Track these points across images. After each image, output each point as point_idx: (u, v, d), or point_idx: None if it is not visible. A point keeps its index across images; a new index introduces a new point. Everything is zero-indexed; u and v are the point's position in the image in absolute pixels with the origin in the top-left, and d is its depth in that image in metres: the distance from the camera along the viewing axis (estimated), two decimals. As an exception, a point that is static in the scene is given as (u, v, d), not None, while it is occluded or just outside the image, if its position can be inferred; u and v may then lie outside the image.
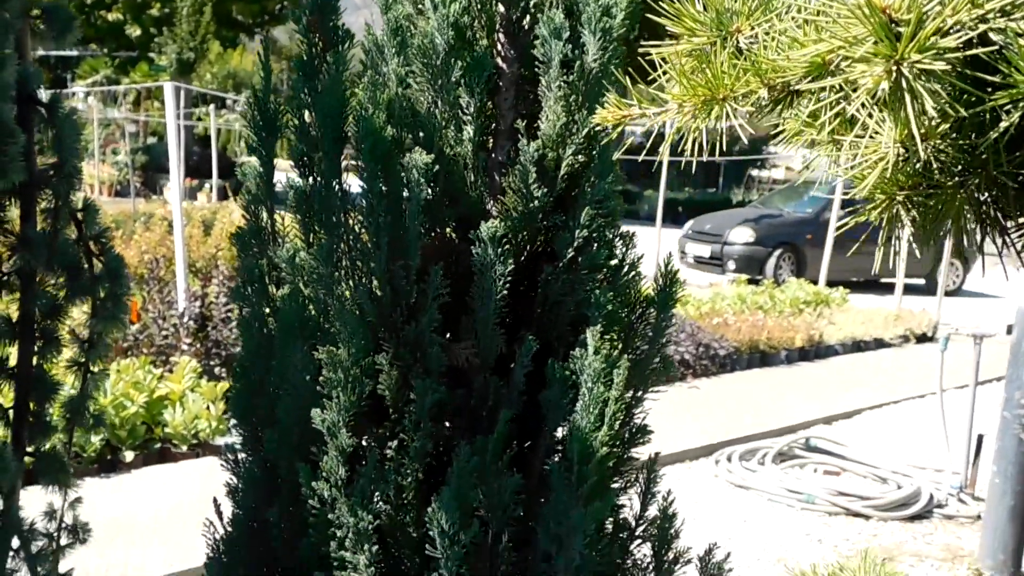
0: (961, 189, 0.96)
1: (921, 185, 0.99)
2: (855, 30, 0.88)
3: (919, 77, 0.84)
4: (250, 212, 2.16)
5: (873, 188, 0.99)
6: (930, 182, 0.98)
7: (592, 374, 1.87)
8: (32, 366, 2.67)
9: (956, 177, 0.97)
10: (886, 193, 1.00)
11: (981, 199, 1.03)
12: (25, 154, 2.43)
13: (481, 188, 2.03)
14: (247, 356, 2.16)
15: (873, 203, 1.02)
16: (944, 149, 0.96)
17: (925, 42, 0.85)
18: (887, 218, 1.02)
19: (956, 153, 0.95)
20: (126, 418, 6.93)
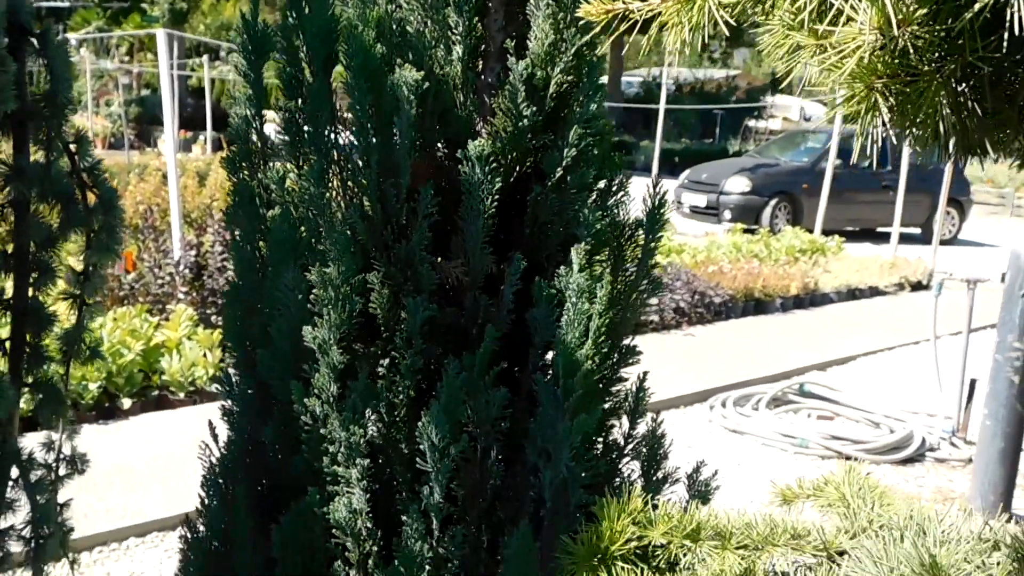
0: (938, 75, 0.97)
1: (899, 73, 1.00)
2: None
3: (894, -45, 0.85)
4: (240, 135, 2.16)
5: (851, 77, 1.00)
6: (908, 70, 1.00)
7: (576, 290, 1.89)
8: (27, 298, 2.68)
9: (933, 64, 0.99)
10: (864, 82, 1.01)
11: (958, 89, 1.04)
12: (17, 83, 2.43)
13: (470, 108, 2.03)
14: (240, 279, 2.18)
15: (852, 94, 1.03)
16: (921, 35, 0.96)
17: (901, -79, 0.86)
18: (865, 108, 1.03)
19: (933, 39, 0.96)
20: (123, 365, 6.96)
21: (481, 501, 1.97)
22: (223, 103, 26.72)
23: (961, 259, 15.98)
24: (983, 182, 29.46)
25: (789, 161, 19.51)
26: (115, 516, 5.18)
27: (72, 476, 2.85)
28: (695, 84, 38.19)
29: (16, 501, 2.71)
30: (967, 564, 1.39)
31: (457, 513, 1.96)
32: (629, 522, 1.62)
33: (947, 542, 1.47)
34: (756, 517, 1.65)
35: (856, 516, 1.66)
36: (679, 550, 1.60)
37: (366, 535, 1.94)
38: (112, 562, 4.85)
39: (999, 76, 0.99)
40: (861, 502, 1.71)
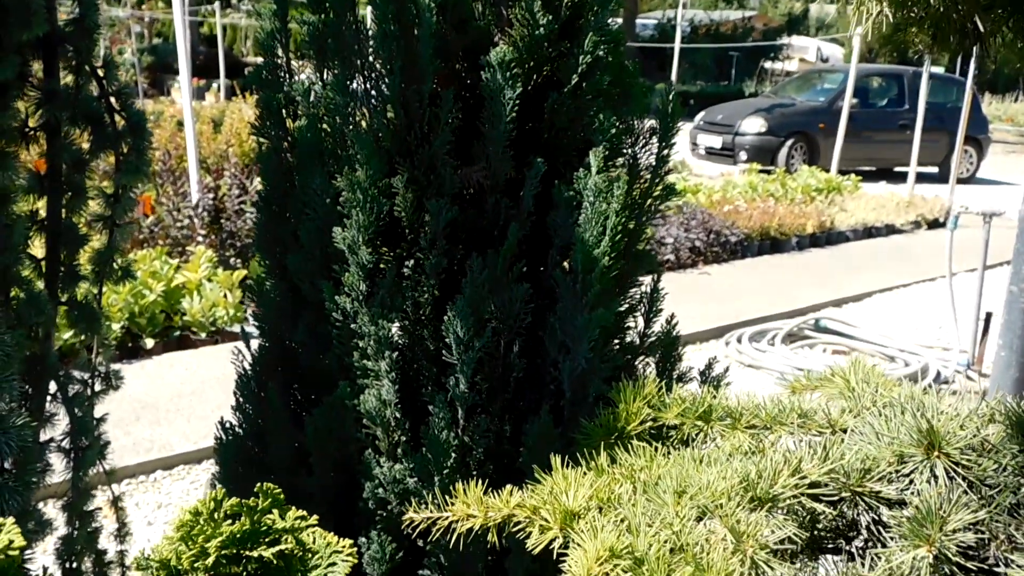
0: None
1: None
2: None
3: None
4: (266, 48, 2.23)
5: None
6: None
7: (594, 190, 1.96)
8: (61, 218, 2.77)
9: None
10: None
11: None
12: (47, 7, 2.49)
13: (488, 18, 2.09)
14: (269, 187, 2.26)
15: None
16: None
17: None
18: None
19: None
20: (145, 306, 7.07)
21: (504, 392, 2.06)
22: (236, 50, 26.67)
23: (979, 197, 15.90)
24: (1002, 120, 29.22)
25: (805, 101, 19.39)
26: (142, 450, 5.32)
27: (107, 392, 2.95)
28: (710, 25, 37.79)
29: (55, 415, 2.82)
30: (963, 431, 1.47)
31: (481, 404, 2.06)
32: (644, 405, 1.70)
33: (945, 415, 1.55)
34: (765, 399, 1.74)
35: (860, 398, 1.74)
36: (692, 430, 1.69)
37: (395, 425, 2.03)
38: (140, 494, 5.00)
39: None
40: (865, 386, 1.80)
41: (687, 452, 1.53)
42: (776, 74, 34.20)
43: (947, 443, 1.43)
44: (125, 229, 2.90)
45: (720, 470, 1.42)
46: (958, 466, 1.42)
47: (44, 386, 2.78)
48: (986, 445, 1.47)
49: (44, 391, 2.78)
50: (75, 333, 2.86)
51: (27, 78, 2.64)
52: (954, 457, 1.42)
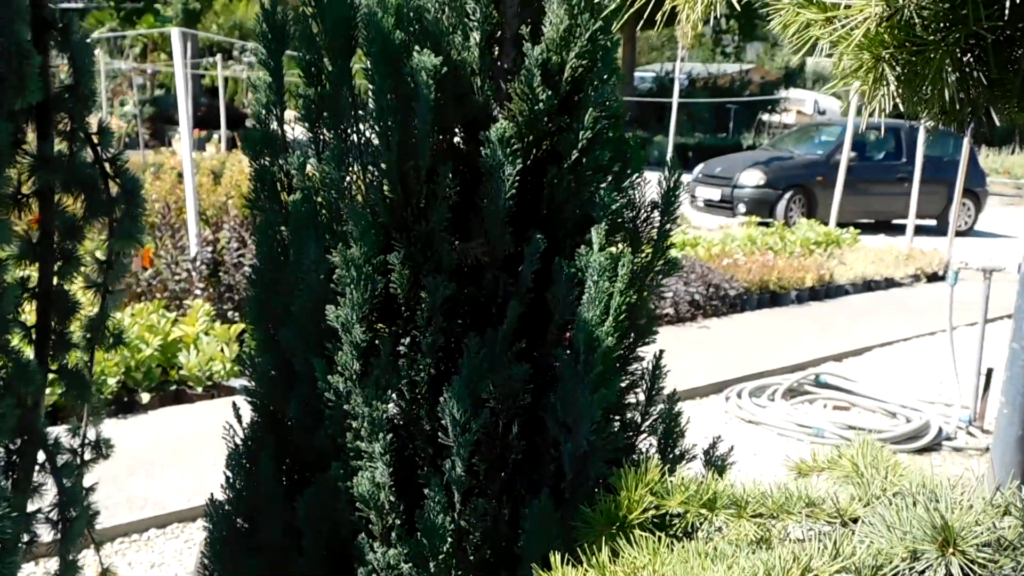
0: (943, 45, 1.01)
1: (905, 44, 1.03)
2: None
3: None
4: (260, 121, 2.21)
5: (858, 48, 1.04)
6: (914, 41, 1.03)
7: (597, 268, 1.93)
8: (53, 285, 2.73)
9: (938, 34, 1.02)
10: (871, 53, 1.04)
11: (963, 60, 1.08)
12: (41, 75, 2.47)
13: (487, 93, 2.07)
14: (262, 261, 2.22)
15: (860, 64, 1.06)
16: (926, 6, 1.00)
17: None
18: (873, 78, 1.06)
19: (937, 10, 0.99)
20: (142, 360, 7.02)
21: (502, 474, 2.01)
22: (236, 102, 26.84)
23: (977, 250, 15.93)
24: (999, 173, 29.31)
25: (803, 154, 19.47)
26: (136, 507, 5.24)
27: (97, 460, 2.89)
28: (708, 78, 38.08)
29: (43, 485, 2.76)
30: (978, 527, 1.42)
31: (479, 486, 2.01)
32: (647, 492, 1.65)
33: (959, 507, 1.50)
34: (771, 487, 1.69)
35: (869, 485, 1.69)
36: (696, 518, 1.64)
37: (389, 508, 1.98)
38: (133, 552, 4.91)
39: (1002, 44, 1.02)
40: (874, 472, 1.75)
41: (692, 546, 1.48)
42: (774, 126, 34.41)
43: (962, 539, 1.38)
44: (118, 295, 2.87)
45: (727, 568, 1.37)
46: (974, 564, 1.37)
47: (32, 455, 2.73)
48: (1003, 542, 1.42)
49: (32, 461, 2.73)
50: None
51: (20, 144, 2.61)
52: (970, 555, 1.37)
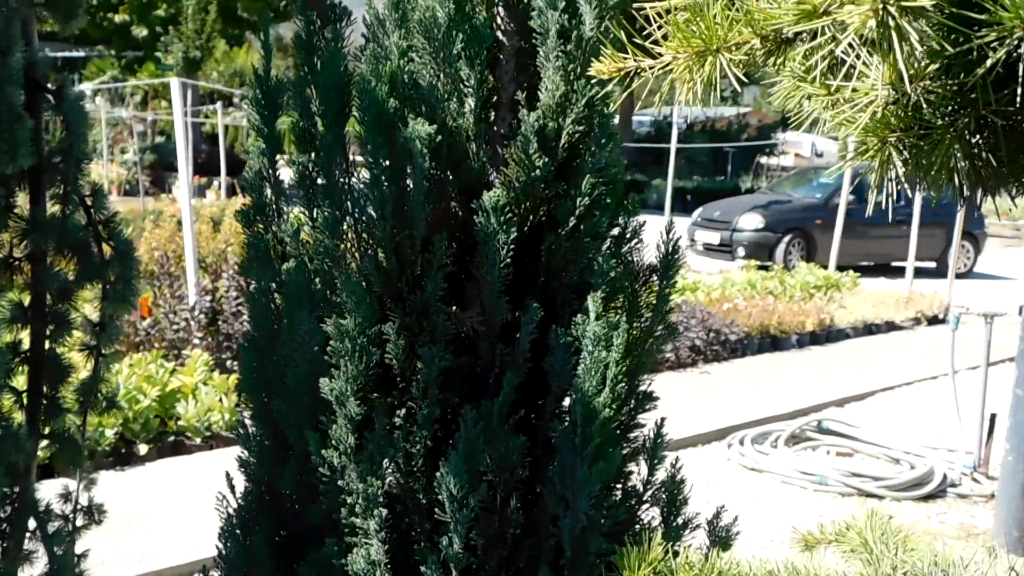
0: (951, 129, 0.97)
1: (912, 127, 1.00)
2: (841, -30, 0.90)
3: (905, 15, 0.85)
4: (254, 188, 2.18)
5: (864, 131, 1.01)
6: (921, 123, 1.00)
7: (593, 338, 1.89)
8: (45, 349, 2.69)
9: (946, 117, 0.99)
10: (878, 136, 1.01)
11: (972, 141, 1.04)
12: (34, 139, 2.45)
13: (483, 159, 2.05)
14: (256, 330, 2.19)
15: (865, 147, 1.03)
16: (933, 90, 0.97)
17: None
18: (880, 161, 1.03)
19: (945, 93, 0.96)
20: (139, 411, 6.98)
21: (501, 550, 1.96)
22: (236, 149, 26.97)
23: (977, 292, 15.92)
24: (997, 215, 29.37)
25: (802, 197, 19.51)
26: (132, 562, 5.18)
27: (89, 527, 2.85)
28: (706, 122, 38.25)
29: (34, 552, 2.71)
30: (993, 613, 1.37)
31: (476, 562, 1.95)
32: (650, 572, 1.61)
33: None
34: (778, 564, 1.64)
35: (879, 563, 1.64)
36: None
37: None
38: (129, 610, 4.85)
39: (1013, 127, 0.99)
40: (884, 547, 1.70)
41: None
42: (772, 169, 34.51)
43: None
44: (111, 358, 2.83)
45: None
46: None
47: (23, 523, 2.68)
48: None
49: (23, 528, 2.68)
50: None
51: (11, 209, 2.59)
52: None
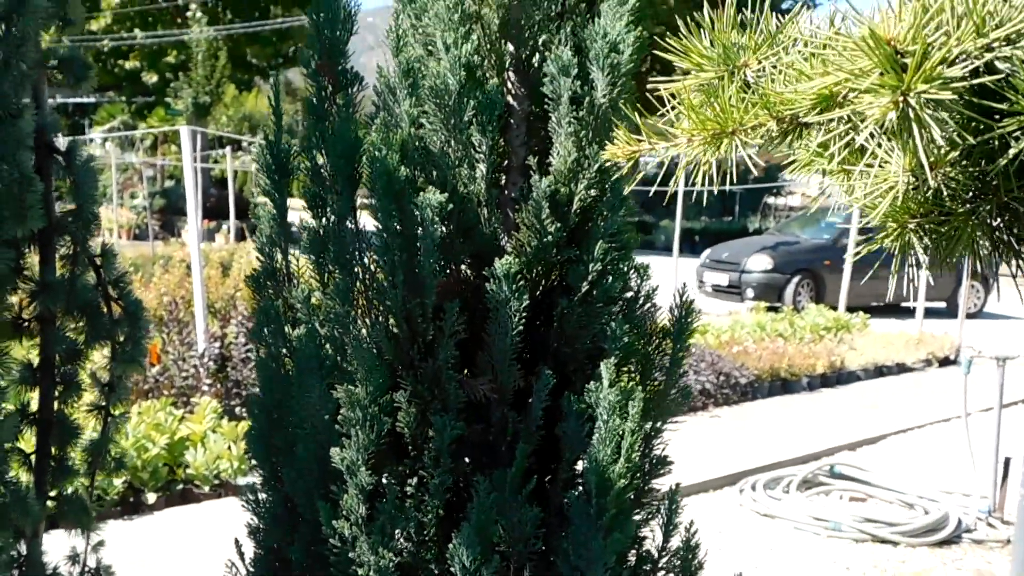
0: (973, 216, 0.96)
1: (932, 212, 0.99)
2: (861, 62, 0.88)
3: (926, 107, 0.84)
4: (264, 254, 2.18)
5: (885, 216, 0.99)
6: (941, 209, 0.98)
7: (607, 406, 1.87)
8: (53, 411, 2.68)
9: (967, 204, 0.97)
10: (898, 221, 1.00)
11: (993, 224, 1.03)
12: (44, 201, 2.46)
13: (495, 224, 2.04)
14: (265, 395, 2.17)
15: (885, 231, 1.02)
16: (954, 176, 0.96)
17: (931, 72, 0.85)
18: (900, 246, 1.02)
19: (966, 180, 0.95)
20: (148, 460, 6.94)
21: (514, 623, 1.94)
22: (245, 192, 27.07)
23: (988, 332, 15.84)
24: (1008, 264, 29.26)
25: (810, 238, 19.49)
26: (141, 616, 5.13)
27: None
28: (713, 162, 38.15)
29: (42, 617, 2.68)
30: None
31: (490, 636, 1.92)
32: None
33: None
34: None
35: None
36: None
37: (397, 662, 1.90)
38: (137, 665, 4.80)
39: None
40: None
41: None
42: (779, 209, 34.53)
43: None
44: (120, 419, 2.82)
45: None
46: None
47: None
48: None
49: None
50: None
51: (21, 271, 2.59)
52: None
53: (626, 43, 1.93)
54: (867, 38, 0.87)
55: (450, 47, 1.92)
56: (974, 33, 0.88)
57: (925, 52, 0.86)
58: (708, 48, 1.13)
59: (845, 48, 0.91)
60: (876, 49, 0.88)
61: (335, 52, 2.02)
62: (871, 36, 0.88)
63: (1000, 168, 0.91)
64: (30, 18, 2.37)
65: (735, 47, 1.12)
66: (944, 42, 0.87)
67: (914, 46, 0.86)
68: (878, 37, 0.87)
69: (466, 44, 1.93)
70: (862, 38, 0.88)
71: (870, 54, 0.88)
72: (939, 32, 0.88)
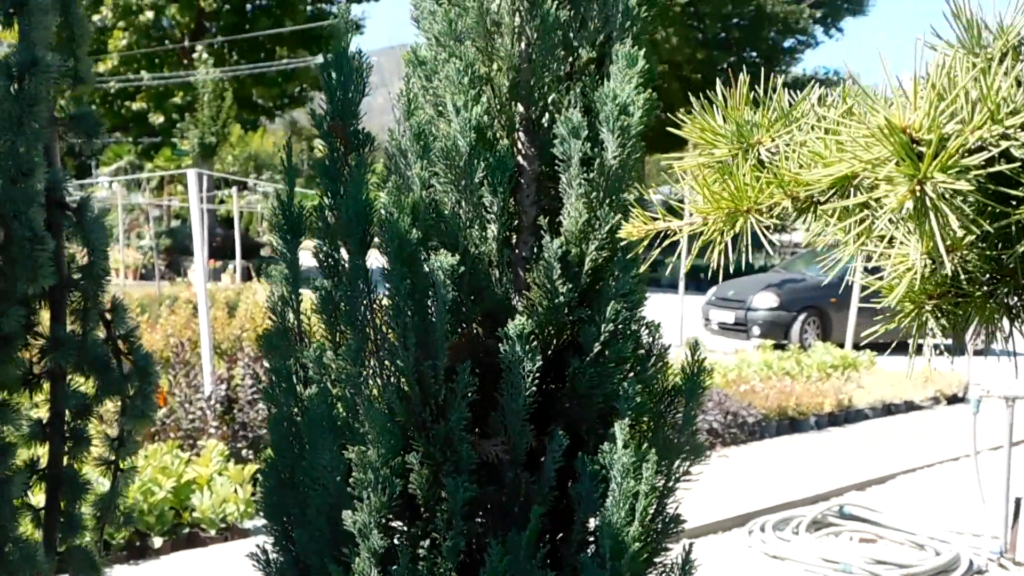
0: (991, 299, 0.96)
1: (949, 293, 0.99)
2: (877, 150, 0.89)
3: (943, 197, 0.85)
4: (276, 313, 2.18)
5: (902, 298, 0.99)
6: (959, 291, 0.99)
7: (621, 468, 1.87)
8: (63, 465, 2.68)
9: (984, 286, 0.98)
10: (915, 302, 1.00)
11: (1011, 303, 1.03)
12: (55, 258, 2.47)
13: (506, 285, 2.04)
14: (277, 455, 2.16)
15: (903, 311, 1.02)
16: (970, 259, 0.96)
17: (948, 161, 0.86)
18: (917, 325, 1.02)
19: (983, 264, 0.95)
20: (154, 504, 6.92)
21: None
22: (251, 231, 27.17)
23: (996, 370, 15.76)
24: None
25: (815, 275, 19.46)
26: (145, 667, 5.09)
27: (105, 645, 2.80)
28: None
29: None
30: None
31: None
32: None
33: None
34: None
35: None
36: None
37: None
38: None
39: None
40: None
41: None
42: (784, 245, 34.55)
43: None
44: (129, 473, 2.81)
45: None
46: None
47: (38, 644, 2.63)
48: None
49: (38, 650, 2.64)
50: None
51: (32, 328, 2.59)
52: None
53: (636, 105, 1.94)
54: (883, 127, 0.88)
55: (460, 110, 1.93)
56: (989, 120, 0.89)
57: (941, 140, 0.87)
58: (721, 125, 1.14)
59: (860, 135, 0.91)
60: (892, 137, 0.88)
61: (348, 113, 2.03)
62: (887, 125, 0.88)
63: (1018, 254, 0.91)
64: (42, 77, 2.39)
65: (748, 124, 1.12)
66: (961, 131, 0.87)
67: (930, 135, 0.86)
68: (894, 125, 0.88)
69: (476, 106, 1.94)
70: (878, 127, 0.88)
71: (886, 142, 0.88)
72: (955, 120, 0.88)
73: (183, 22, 31.81)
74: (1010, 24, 1.01)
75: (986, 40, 1.02)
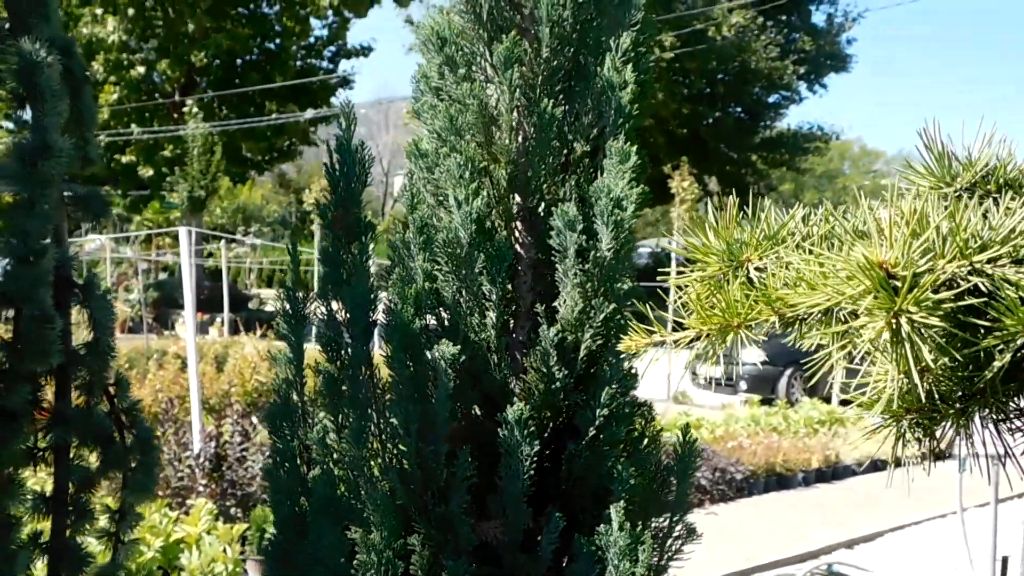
0: (963, 416, 1.04)
1: (925, 408, 1.06)
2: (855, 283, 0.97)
3: (917, 330, 0.93)
4: (280, 395, 2.24)
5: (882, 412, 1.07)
6: (933, 407, 1.06)
7: (618, 551, 1.93)
8: (65, 539, 2.71)
9: (957, 404, 1.05)
10: (894, 415, 1.07)
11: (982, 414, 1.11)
12: (62, 336, 2.52)
13: (504, 369, 2.11)
14: (279, 533, 2.21)
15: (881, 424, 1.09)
16: (944, 380, 1.04)
17: (921, 296, 0.94)
18: (895, 436, 1.09)
19: (955, 385, 1.03)
20: (143, 564, 6.89)
21: None
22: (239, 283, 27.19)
23: (981, 423, 15.80)
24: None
25: (802, 328, 19.55)
26: None
27: None
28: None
29: None
30: None
31: None
32: None
33: None
34: None
35: None
36: None
37: None
38: None
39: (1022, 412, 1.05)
40: None
41: None
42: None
43: None
44: (130, 546, 2.85)
45: None
46: None
47: None
48: None
49: None
50: None
51: (38, 403, 2.64)
52: None
53: (629, 200, 2.03)
54: (861, 263, 0.96)
55: (462, 204, 2.01)
56: (958, 253, 0.97)
57: (915, 276, 0.95)
58: (712, 243, 1.22)
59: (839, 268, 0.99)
60: (869, 271, 0.96)
61: (350, 202, 2.11)
62: (864, 260, 0.96)
63: (987, 378, 0.99)
64: (55, 161, 2.47)
65: (737, 243, 1.21)
66: (932, 266, 0.95)
67: (905, 272, 0.95)
68: (871, 261, 0.96)
69: (476, 200, 2.02)
70: (857, 263, 0.96)
71: (863, 278, 0.96)
72: (927, 256, 0.96)
73: (173, 76, 32.02)
74: (977, 156, 1.10)
75: (956, 170, 1.11)
